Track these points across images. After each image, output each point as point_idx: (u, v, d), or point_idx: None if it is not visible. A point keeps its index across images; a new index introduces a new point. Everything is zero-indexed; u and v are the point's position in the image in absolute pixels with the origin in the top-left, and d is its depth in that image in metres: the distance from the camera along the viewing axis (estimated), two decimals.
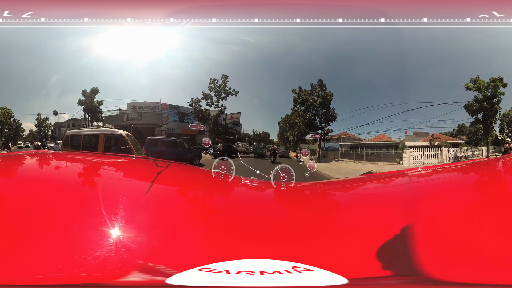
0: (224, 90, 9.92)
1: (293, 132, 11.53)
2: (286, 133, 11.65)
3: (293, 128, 11.54)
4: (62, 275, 0.69)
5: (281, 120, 12.17)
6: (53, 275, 0.69)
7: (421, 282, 0.71)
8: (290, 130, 11.54)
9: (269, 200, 1.47)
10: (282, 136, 12.40)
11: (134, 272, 0.72)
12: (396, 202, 1.24)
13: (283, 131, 11.95)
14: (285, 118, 11.72)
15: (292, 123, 11.47)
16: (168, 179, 1.44)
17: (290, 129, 11.61)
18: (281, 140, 12.53)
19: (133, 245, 0.81)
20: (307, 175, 4.98)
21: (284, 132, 11.93)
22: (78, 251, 0.75)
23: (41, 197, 1.05)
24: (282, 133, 12.31)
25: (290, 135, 11.66)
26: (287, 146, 12.15)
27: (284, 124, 11.82)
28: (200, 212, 1.15)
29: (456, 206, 1.06)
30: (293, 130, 11.55)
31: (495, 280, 0.68)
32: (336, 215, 1.20)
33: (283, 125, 11.82)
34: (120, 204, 1.02)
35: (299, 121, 10.83)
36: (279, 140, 12.44)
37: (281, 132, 12.35)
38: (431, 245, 0.82)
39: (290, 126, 11.68)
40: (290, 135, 11.67)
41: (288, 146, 12.20)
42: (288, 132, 11.62)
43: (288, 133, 11.64)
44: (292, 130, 11.54)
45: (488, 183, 1.32)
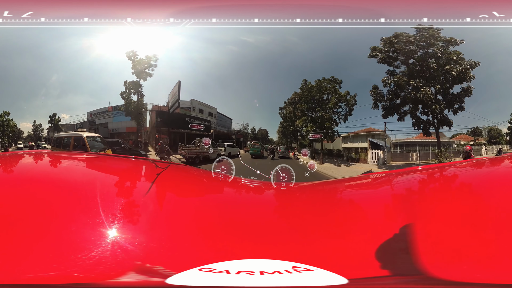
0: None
1: (307, 119, 8.82)
2: (298, 121, 9.10)
3: (304, 114, 8.81)
4: (54, 275, 0.68)
5: (284, 106, 9.71)
6: (44, 274, 0.68)
7: (421, 281, 0.71)
8: (303, 117, 8.89)
9: (269, 200, 1.47)
10: (285, 131, 10.33)
11: (130, 273, 0.72)
12: (396, 201, 1.24)
13: (289, 121, 9.68)
14: (293, 99, 9.26)
15: (304, 107, 8.64)
16: (168, 180, 1.44)
17: (302, 114, 8.98)
18: (283, 137, 10.77)
19: (131, 246, 0.80)
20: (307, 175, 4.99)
21: (289, 122, 9.64)
22: (74, 251, 0.75)
23: (39, 196, 1.05)
24: (284, 128, 10.26)
25: (303, 123, 8.93)
26: (288, 145, 10.80)
27: (289, 110, 9.45)
28: (200, 212, 1.15)
29: (456, 206, 1.06)
30: (305, 116, 8.80)
31: (495, 280, 0.68)
32: (336, 215, 1.20)
33: (288, 112, 9.52)
34: (119, 205, 1.02)
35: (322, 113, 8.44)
36: (280, 137, 10.86)
37: (282, 127, 10.35)
38: (430, 245, 0.82)
39: (301, 111, 9.08)
40: (303, 124, 9.00)
41: (290, 145, 10.71)
42: (301, 119, 8.97)
43: (300, 121, 9.03)
44: (305, 116, 8.79)
45: (488, 183, 1.32)
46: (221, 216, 1.13)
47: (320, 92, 8.81)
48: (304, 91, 9.07)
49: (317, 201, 1.48)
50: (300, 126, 9.39)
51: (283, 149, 10.70)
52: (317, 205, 1.40)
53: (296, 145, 10.59)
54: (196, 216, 1.10)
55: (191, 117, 10.45)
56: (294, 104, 9.48)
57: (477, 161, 2.27)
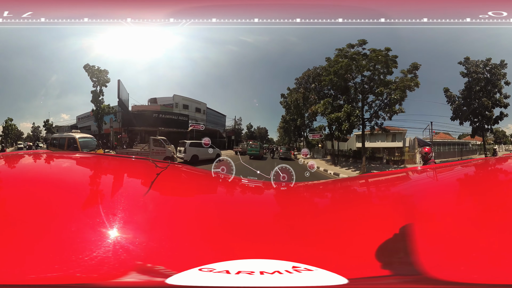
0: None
1: (328, 103, 6.45)
2: (314, 107, 6.85)
3: (325, 96, 6.39)
4: (57, 275, 0.68)
5: (288, 93, 7.79)
6: (46, 275, 0.68)
7: (421, 281, 0.71)
8: (325, 100, 6.57)
9: (269, 200, 1.47)
10: (287, 127, 8.65)
11: (131, 273, 0.72)
12: (396, 201, 1.24)
13: (294, 112, 7.75)
14: (303, 78, 7.00)
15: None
16: (168, 180, 1.44)
17: (318, 97, 6.64)
18: (285, 135, 9.40)
19: (132, 246, 0.81)
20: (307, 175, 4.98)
21: (295, 112, 7.65)
22: (75, 251, 0.75)
23: (39, 196, 1.05)
24: (287, 122, 8.50)
25: (325, 106, 6.43)
26: (290, 145, 9.71)
27: (294, 97, 7.34)
28: (200, 212, 1.15)
29: (456, 206, 1.06)
30: (328, 98, 6.31)
31: (495, 280, 0.68)
32: (336, 215, 1.20)
33: (293, 100, 7.49)
34: (119, 205, 1.02)
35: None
36: (281, 135, 9.60)
37: (284, 121, 8.74)
38: (430, 245, 0.82)
39: (317, 93, 6.79)
40: (325, 109, 6.57)
41: (293, 145, 9.49)
42: (322, 103, 6.66)
43: (320, 105, 6.64)
44: (328, 99, 6.33)
45: (487, 183, 1.32)
46: (221, 216, 1.13)
47: (367, 67, 6.33)
48: (338, 61, 6.33)
49: (317, 201, 1.48)
50: (321, 112, 7.24)
51: (284, 149, 9.63)
52: (317, 205, 1.40)
53: (303, 144, 9.07)
54: (196, 216, 1.10)
55: (161, 112, 10.26)
56: (306, 84, 7.21)
57: (478, 161, 2.27)
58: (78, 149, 8.78)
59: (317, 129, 8.37)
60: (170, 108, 10.54)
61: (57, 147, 9.64)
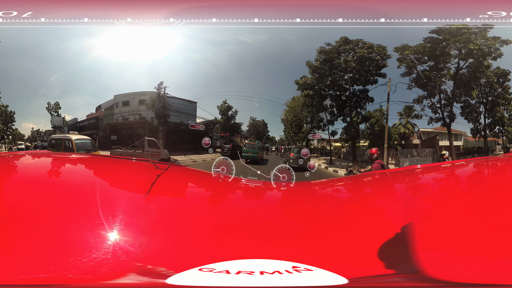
0: None
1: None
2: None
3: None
4: (55, 276, 0.68)
5: (301, 81, 6.70)
6: (45, 275, 0.68)
7: (421, 280, 0.71)
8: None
9: (269, 200, 1.47)
10: (292, 126, 7.22)
11: (130, 274, 0.72)
12: (396, 201, 1.24)
13: (317, 93, 6.50)
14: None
15: None
16: (168, 181, 1.44)
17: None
18: (291, 130, 7.77)
19: (131, 248, 0.80)
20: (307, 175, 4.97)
21: (316, 93, 6.44)
22: (73, 253, 0.75)
23: (39, 197, 1.05)
24: (295, 117, 6.98)
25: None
26: (302, 143, 8.29)
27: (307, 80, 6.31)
28: (200, 213, 1.15)
29: (456, 205, 1.06)
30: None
31: (495, 280, 0.68)
32: (336, 214, 1.20)
33: (317, 73, 6.38)
34: (119, 207, 1.02)
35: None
36: (287, 132, 8.15)
37: (292, 117, 7.06)
38: (431, 244, 0.82)
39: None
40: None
41: (307, 142, 8.09)
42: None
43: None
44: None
45: (488, 182, 1.32)
46: (221, 216, 1.13)
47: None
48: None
49: (317, 201, 1.48)
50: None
51: (295, 151, 6.79)
52: (317, 205, 1.40)
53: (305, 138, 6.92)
54: (196, 216, 1.10)
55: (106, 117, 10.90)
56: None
57: (478, 160, 2.27)
58: (73, 151, 8.97)
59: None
60: (111, 110, 10.96)
61: (55, 148, 9.95)
